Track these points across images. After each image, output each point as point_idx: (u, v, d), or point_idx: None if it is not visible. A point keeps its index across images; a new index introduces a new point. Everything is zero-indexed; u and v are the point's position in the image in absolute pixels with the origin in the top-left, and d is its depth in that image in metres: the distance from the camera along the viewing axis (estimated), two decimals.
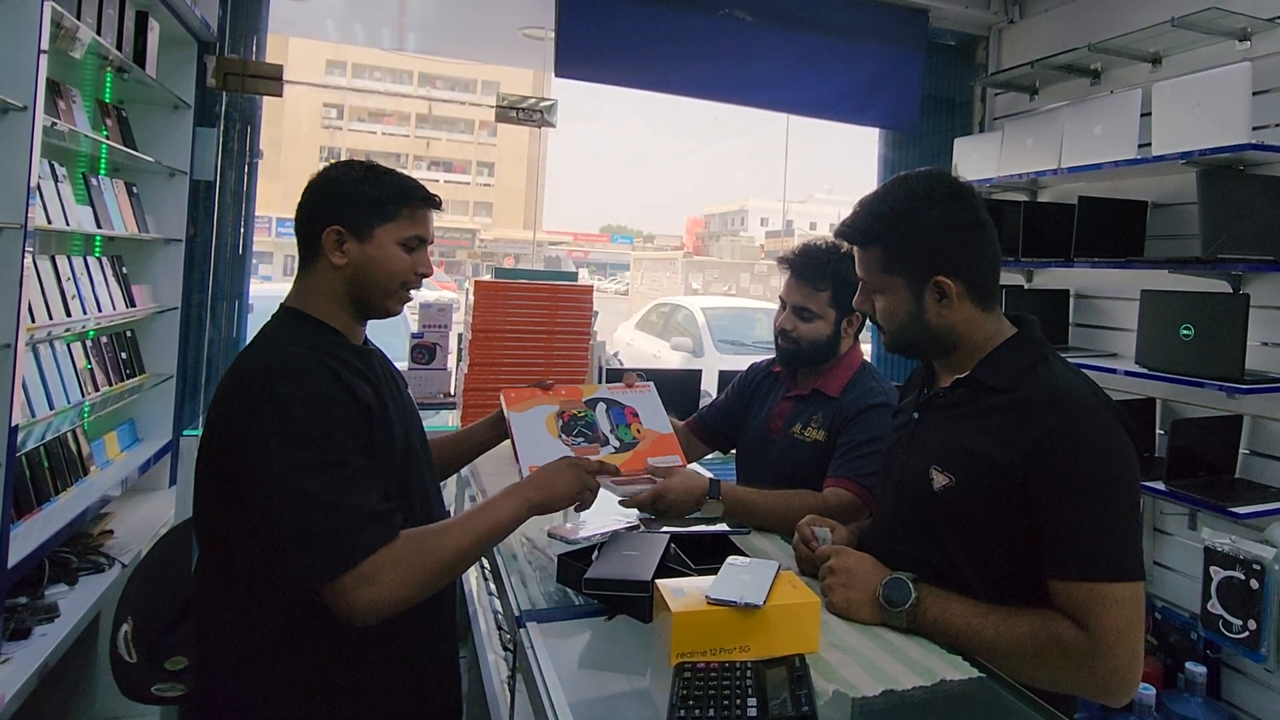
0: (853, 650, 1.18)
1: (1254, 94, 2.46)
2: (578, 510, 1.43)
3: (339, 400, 1.25)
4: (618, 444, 1.73)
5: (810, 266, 1.96)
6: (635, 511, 1.70)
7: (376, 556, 1.16)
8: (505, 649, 2.04)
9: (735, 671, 1.05)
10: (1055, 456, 1.18)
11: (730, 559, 1.25)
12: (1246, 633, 2.32)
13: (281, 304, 1.41)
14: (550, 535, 1.64)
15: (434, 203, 1.45)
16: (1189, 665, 2.46)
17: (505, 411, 1.72)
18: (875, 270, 1.36)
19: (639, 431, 1.78)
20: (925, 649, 1.20)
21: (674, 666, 1.06)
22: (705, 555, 1.41)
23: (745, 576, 1.18)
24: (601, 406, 1.79)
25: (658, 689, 1.07)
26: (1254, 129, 2.47)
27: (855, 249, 1.40)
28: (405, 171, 1.46)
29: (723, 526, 1.61)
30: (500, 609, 1.91)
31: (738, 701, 0.98)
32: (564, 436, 1.72)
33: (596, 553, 1.38)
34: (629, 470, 1.69)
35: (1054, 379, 1.27)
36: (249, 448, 1.19)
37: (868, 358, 3.87)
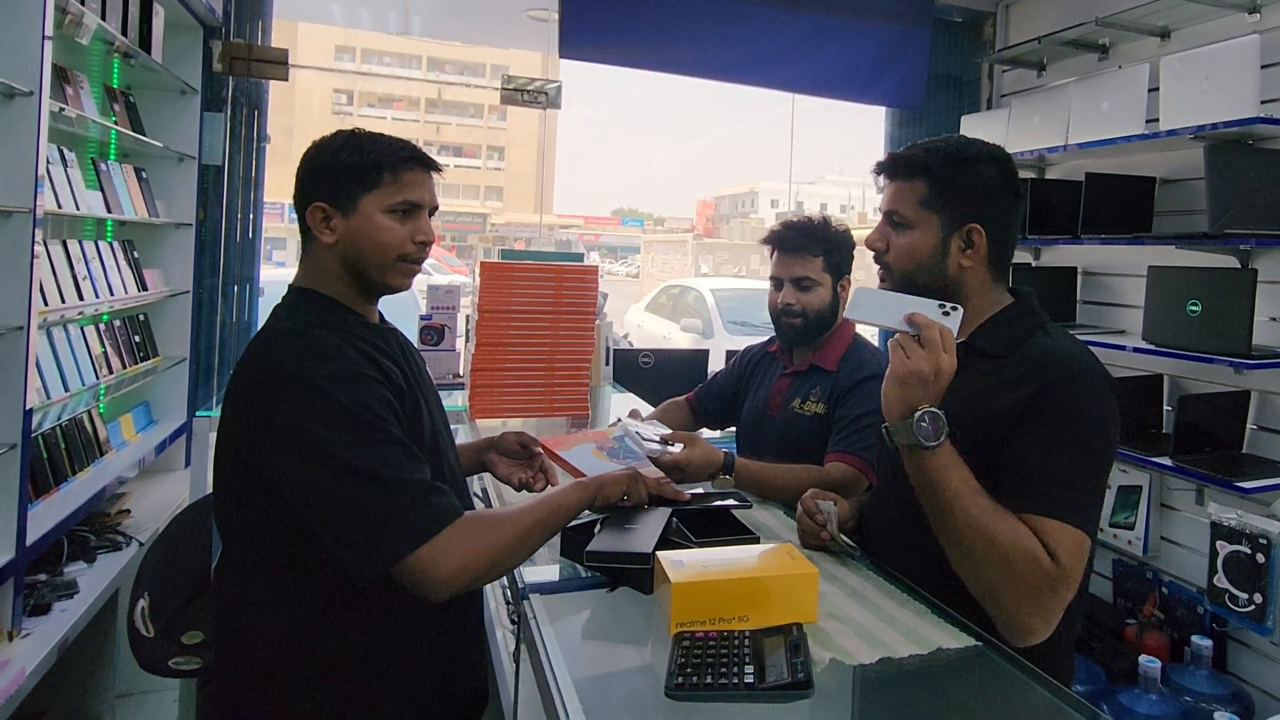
0: (851, 620, 1.20)
1: (1263, 67, 2.44)
2: (623, 503, 1.41)
3: (375, 378, 1.20)
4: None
5: (801, 237, 2.03)
6: None
7: (450, 528, 1.12)
8: (512, 621, 2.07)
9: (733, 640, 1.07)
10: (1044, 405, 1.21)
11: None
12: (1252, 606, 2.33)
13: (290, 285, 1.34)
14: None
15: (424, 162, 1.34)
16: (1195, 639, 2.47)
17: (557, 453, 1.78)
18: (912, 203, 1.34)
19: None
20: (923, 619, 1.21)
21: (673, 636, 1.09)
22: (706, 529, 1.43)
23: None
24: (626, 440, 1.83)
25: (658, 658, 1.09)
26: (1263, 102, 2.44)
27: (891, 183, 1.38)
28: None
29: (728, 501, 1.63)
30: (506, 583, 1.94)
31: (735, 669, 1.00)
32: (613, 461, 1.81)
33: (599, 527, 1.40)
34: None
35: (1050, 344, 1.29)
36: (285, 437, 1.13)
37: (874, 338, 3.89)
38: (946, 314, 1.24)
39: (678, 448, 1.73)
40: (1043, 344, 1.29)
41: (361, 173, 1.28)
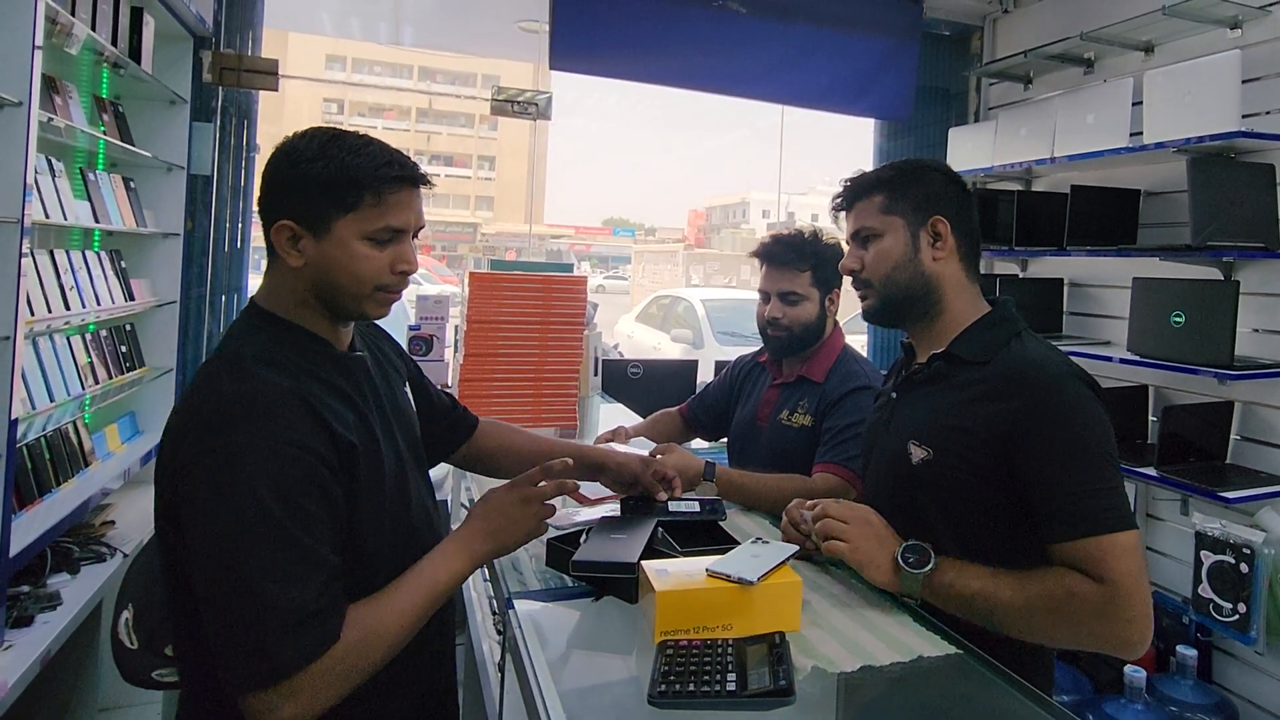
0: (833, 628, 1.21)
1: (1244, 81, 2.47)
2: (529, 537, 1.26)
3: (307, 448, 1.04)
4: None
5: (788, 251, 2.03)
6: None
7: (308, 670, 0.97)
8: (498, 631, 2.07)
9: (716, 648, 1.07)
10: (1038, 426, 1.22)
11: (755, 539, 1.30)
12: (1236, 616, 2.35)
13: (251, 299, 1.20)
14: None
15: (411, 179, 1.16)
16: (1180, 648, 2.49)
17: None
18: (874, 214, 1.42)
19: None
20: (905, 627, 1.22)
21: (657, 644, 1.09)
22: (691, 538, 1.44)
23: (754, 556, 1.22)
24: None
25: (642, 667, 1.09)
26: (1244, 116, 2.48)
27: (850, 211, 1.47)
28: None
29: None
30: (492, 592, 1.94)
31: (717, 676, 1.01)
32: None
33: (585, 536, 1.40)
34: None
35: (1026, 352, 1.31)
36: (192, 500, 1.01)
37: (863, 350, 3.90)
38: (767, 543, 1.28)
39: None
40: (1018, 352, 1.32)
41: (338, 191, 1.10)
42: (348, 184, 1.10)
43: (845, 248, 2.09)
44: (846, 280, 2.13)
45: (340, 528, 1.08)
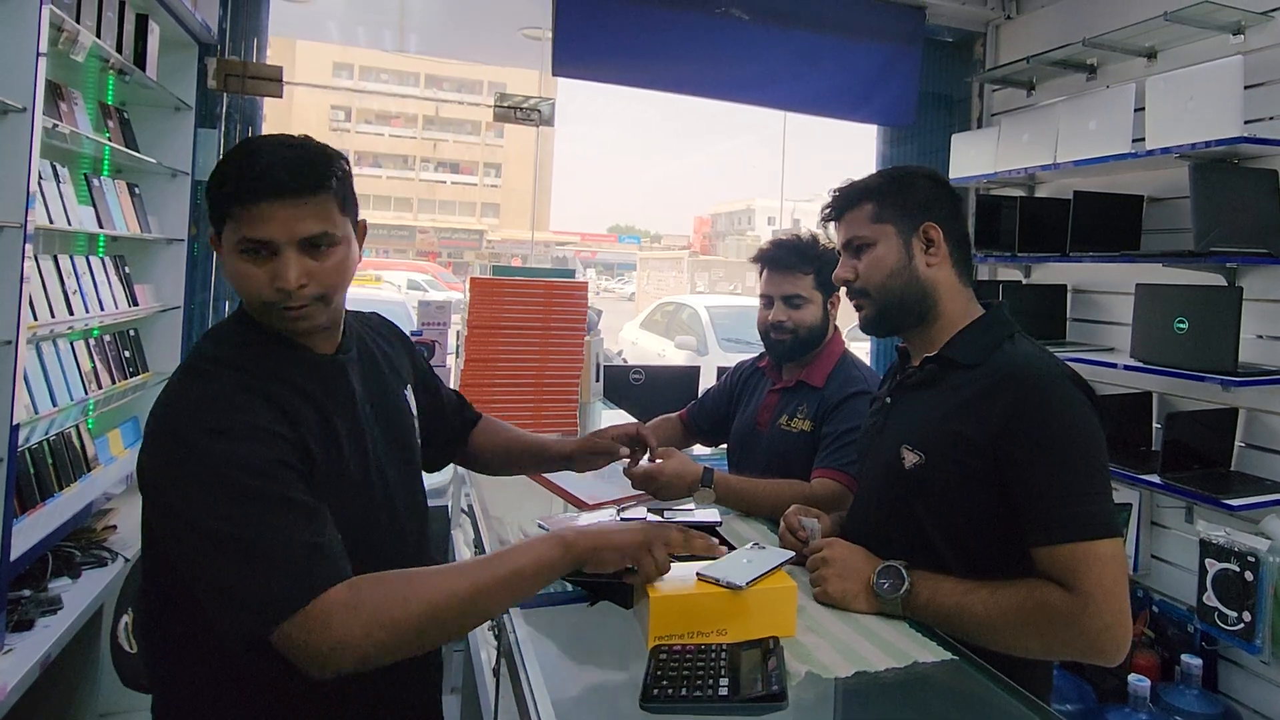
0: (829, 634, 1.20)
1: (1246, 87, 2.46)
2: (624, 576, 1.17)
3: (277, 434, 1.04)
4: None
5: (791, 255, 2.04)
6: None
7: (327, 596, 0.94)
8: (495, 637, 2.07)
9: (710, 653, 1.07)
10: (1025, 429, 1.22)
11: (751, 544, 1.30)
12: (1241, 625, 2.33)
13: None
14: (541, 525, 1.66)
15: (266, 193, 1.04)
16: (1185, 658, 2.46)
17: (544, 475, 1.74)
18: (865, 222, 1.41)
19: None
20: (900, 633, 1.22)
21: (650, 649, 1.09)
22: None
23: (748, 561, 1.21)
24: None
25: (637, 672, 1.08)
26: (1246, 122, 2.47)
27: (840, 221, 1.46)
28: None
29: (711, 512, 1.63)
30: None
31: (710, 681, 1.00)
32: (601, 481, 1.76)
33: None
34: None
35: (1016, 354, 1.31)
36: (163, 493, 1.02)
37: (866, 356, 3.90)
38: (763, 549, 1.29)
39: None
40: (1009, 354, 1.31)
41: (216, 200, 1.07)
42: (215, 194, 1.08)
43: None
44: None
45: None
